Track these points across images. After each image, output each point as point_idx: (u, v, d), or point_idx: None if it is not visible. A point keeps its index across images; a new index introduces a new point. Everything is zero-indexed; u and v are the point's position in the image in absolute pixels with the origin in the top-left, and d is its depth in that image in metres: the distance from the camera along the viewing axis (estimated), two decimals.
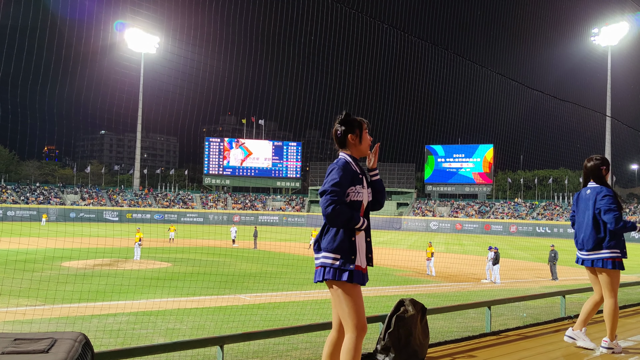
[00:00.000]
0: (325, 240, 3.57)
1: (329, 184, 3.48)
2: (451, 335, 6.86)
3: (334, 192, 3.44)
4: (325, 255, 3.55)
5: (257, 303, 14.90)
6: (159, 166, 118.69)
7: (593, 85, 78.48)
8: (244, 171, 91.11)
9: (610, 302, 5.55)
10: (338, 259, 3.52)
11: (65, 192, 76.54)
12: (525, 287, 19.96)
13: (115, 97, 15.77)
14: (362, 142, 3.73)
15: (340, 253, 3.52)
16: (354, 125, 3.71)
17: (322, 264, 3.57)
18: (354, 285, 3.54)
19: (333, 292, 3.61)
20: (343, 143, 3.72)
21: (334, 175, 3.51)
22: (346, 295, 3.54)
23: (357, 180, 3.60)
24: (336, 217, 3.42)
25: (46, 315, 11.86)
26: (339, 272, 3.52)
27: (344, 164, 3.60)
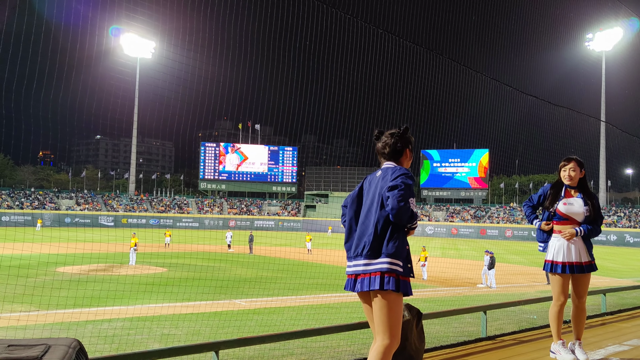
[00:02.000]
0: (392, 245, 3.49)
1: (401, 180, 3.49)
2: (447, 340, 6.86)
3: (407, 188, 3.45)
4: (391, 262, 3.46)
5: (252, 308, 14.86)
6: (154, 171, 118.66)
7: (587, 90, 78.89)
8: (239, 176, 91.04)
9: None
10: (401, 266, 3.48)
11: (60, 197, 76.29)
12: (521, 292, 19.98)
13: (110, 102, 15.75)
14: (412, 156, 3.86)
15: (405, 260, 3.51)
16: (409, 141, 3.82)
17: (388, 270, 3.44)
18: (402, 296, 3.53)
19: (380, 300, 3.48)
20: (398, 155, 3.78)
21: (405, 178, 3.52)
22: (397, 307, 3.50)
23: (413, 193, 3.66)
24: (406, 212, 3.40)
25: (40, 321, 11.80)
26: (402, 283, 3.47)
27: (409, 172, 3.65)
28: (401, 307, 3.51)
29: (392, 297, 3.46)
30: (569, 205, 5.47)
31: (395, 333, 3.49)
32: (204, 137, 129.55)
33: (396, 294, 3.46)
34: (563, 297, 5.44)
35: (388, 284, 3.40)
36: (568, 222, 5.46)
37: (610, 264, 34.00)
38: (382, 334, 3.48)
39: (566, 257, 5.44)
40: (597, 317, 8.21)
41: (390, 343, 3.47)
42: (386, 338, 3.46)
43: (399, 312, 3.50)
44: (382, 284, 3.41)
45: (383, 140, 3.81)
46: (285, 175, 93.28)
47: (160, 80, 77.06)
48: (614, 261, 37.73)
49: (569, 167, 5.59)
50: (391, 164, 3.75)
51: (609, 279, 21.96)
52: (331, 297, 16.31)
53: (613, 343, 6.40)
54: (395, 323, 3.49)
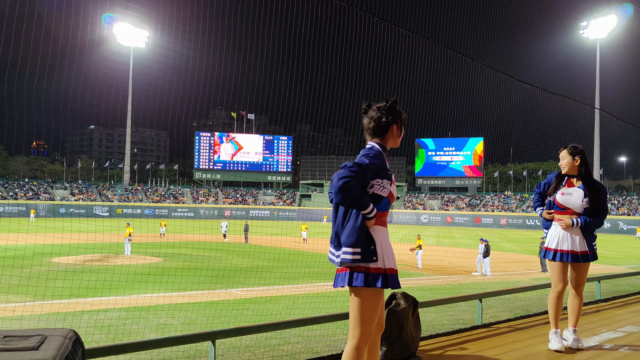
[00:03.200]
0: (344, 233, 3.26)
1: (358, 158, 3.25)
2: (442, 328, 6.89)
3: (354, 168, 3.12)
4: (345, 251, 3.22)
5: (248, 297, 14.89)
6: (149, 161, 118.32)
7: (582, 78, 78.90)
8: (234, 166, 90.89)
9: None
10: (359, 253, 3.20)
11: (54, 188, 76.03)
12: (516, 279, 20.08)
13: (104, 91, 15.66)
14: (400, 134, 3.52)
15: (360, 247, 3.20)
16: (398, 116, 3.46)
17: (343, 260, 3.22)
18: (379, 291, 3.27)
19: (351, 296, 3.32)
20: (383, 132, 3.43)
21: (364, 158, 3.25)
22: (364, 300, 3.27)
23: (385, 174, 3.34)
24: (347, 191, 3.07)
25: (36, 311, 11.80)
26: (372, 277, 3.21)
27: (377, 152, 3.35)
28: (373, 301, 3.26)
29: (364, 292, 3.24)
30: (567, 195, 5.48)
31: (365, 329, 3.25)
32: (198, 126, 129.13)
33: (370, 289, 3.22)
34: (561, 284, 5.47)
35: (357, 280, 3.19)
36: (566, 211, 5.48)
37: (604, 251, 34.21)
38: (351, 331, 3.30)
39: (561, 245, 5.47)
40: (591, 304, 8.26)
41: (358, 341, 3.24)
42: (354, 337, 3.26)
43: (371, 306, 3.26)
44: (350, 281, 3.21)
45: (370, 114, 3.46)
46: (280, 164, 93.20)
47: (154, 69, 76.71)
48: (608, 248, 37.96)
49: (560, 155, 5.61)
50: (373, 143, 3.44)
51: (603, 266, 22.09)
52: (327, 285, 16.35)
53: (607, 330, 6.44)
54: (364, 318, 3.26)
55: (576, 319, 5.56)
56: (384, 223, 3.37)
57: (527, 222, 70.69)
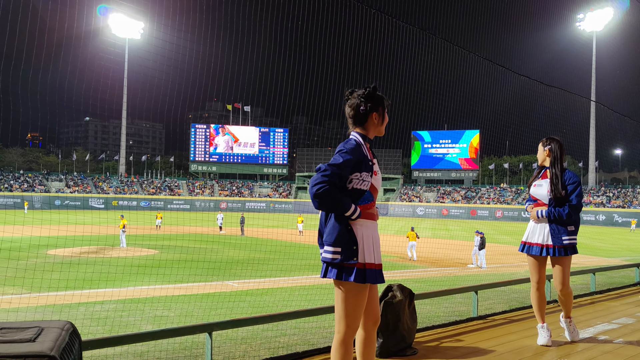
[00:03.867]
0: (326, 231, 3.23)
1: (329, 163, 3.11)
2: (438, 320, 6.92)
3: (327, 172, 3.04)
4: (326, 250, 3.20)
5: (245, 289, 14.91)
6: (144, 153, 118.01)
7: (578, 71, 79.03)
8: (230, 158, 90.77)
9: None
10: (339, 252, 3.16)
11: (49, 180, 75.82)
12: (511, 272, 20.16)
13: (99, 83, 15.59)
14: (383, 122, 3.35)
15: (341, 246, 3.15)
16: (379, 103, 3.31)
17: (324, 258, 3.22)
18: (360, 286, 3.20)
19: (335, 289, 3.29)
20: (363, 120, 3.29)
21: (338, 157, 3.13)
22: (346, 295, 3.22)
23: (365, 166, 3.21)
24: (322, 198, 3.02)
25: (32, 303, 11.79)
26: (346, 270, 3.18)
27: (353, 146, 3.20)
28: (355, 295, 3.20)
29: (344, 286, 3.21)
30: (537, 187, 5.42)
31: (349, 323, 3.22)
32: (194, 118, 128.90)
33: (349, 283, 3.18)
34: (535, 277, 5.44)
35: (330, 273, 3.19)
36: (538, 203, 5.44)
37: (599, 244, 34.36)
38: (336, 324, 3.29)
39: (530, 238, 5.45)
40: (586, 296, 8.31)
41: (343, 335, 3.23)
42: (339, 331, 3.25)
43: (353, 301, 3.21)
44: (325, 273, 3.23)
45: (350, 102, 3.32)
46: (276, 156, 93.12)
47: (149, 61, 76.39)
48: (603, 241, 38.12)
49: None
50: (353, 133, 3.31)
51: (598, 259, 22.19)
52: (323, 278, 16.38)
53: (602, 322, 6.48)
54: (347, 313, 3.22)
55: (569, 311, 5.57)
56: (371, 216, 3.28)
57: (523, 215, 70.86)
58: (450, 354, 4.93)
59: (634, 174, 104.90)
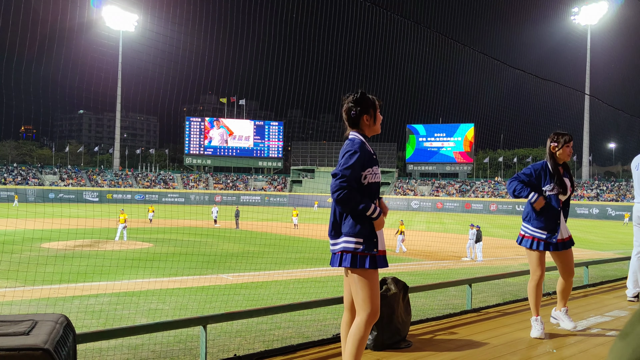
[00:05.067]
0: (347, 224, 3.48)
1: (342, 167, 3.39)
2: (432, 312, 6.94)
3: (344, 177, 3.35)
4: (347, 240, 3.47)
5: (239, 283, 14.92)
6: (139, 146, 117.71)
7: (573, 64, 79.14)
8: (225, 151, 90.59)
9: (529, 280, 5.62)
10: (361, 243, 3.45)
11: (43, 173, 75.51)
12: (505, 265, 20.24)
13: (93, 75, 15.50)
14: (375, 122, 3.63)
15: (362, 237, 3.44)
16: (368, 105, 3.60)
17: (344, 248, 3.49)
18: (374, 271, 3.49)
19: (350, 276, 3.54)
20: (356, 123, 3.60)
21: (348, 159, 3.42)
22: (365, 281, 3.48)
23: (372, 161, 3.52)
24: (346, 203, 3.36)
25: (26, 296, 11.77)
26: (360, 258, 3.46)
27: (360, 144, 3.50)
28: (372, 281, 3.48)
29: (361, 273, 3.47)
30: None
31: (370, 306, 3.48)
32: (188, 111, 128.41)
33: (364, 270, 3.47)
34: (539, 271, 5.50)
35: (345, 262, 3.47)
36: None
37: (593, 237, 34.53)
38: (358, 308, 3.52)
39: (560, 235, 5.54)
40: (579, 289, 8.35)
41: (367, 316, 3.48)
42: (362, 311, 3.49)
43: (371, 286, 3.48)
44: (340, 262, 3.49)
45: (344, 107, 3.67)
46: (271, 150, 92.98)
47: (143, 53, 75.91)
48: (596, 234, 38.32)
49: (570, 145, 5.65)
50: (353, 133, 3.61)
51: (591, 252, 22.30)
52: (318, 271, 16.42)
53: (595, 314, 6.52)
54: (367, 297, 3.48)
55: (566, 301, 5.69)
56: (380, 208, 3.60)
57: (517, 208, 71.15)
58: (444, 347, 4.95)
59: (627, 167, 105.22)
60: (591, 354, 4.86)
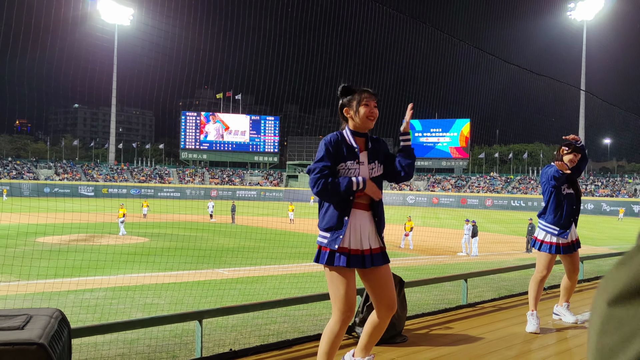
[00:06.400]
0: (319, 218, 3.44)
1: (314, 161, 3.34)
2: (428, 307, 6.96)
3: (316, 169, 3.28)
4: (320, 234, 3.41)
5: (235, 277, 14.92)
6: (134, 140, 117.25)
7: (568, 60, 79.27)
8: (221, 146, 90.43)
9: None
10: (326, 237, 3.35)
11: (38, 167, 75.25)
12: (500, 260, 20.30)
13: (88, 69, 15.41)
14: (358, 112, 3.43)
15: (328, 232, 3.35)
16: (349, 97, 3.47)
17: (317, 242, 3.42)
18: (339, 269, 3.32)
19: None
20: (342, 117, 3.53)
21: (318, 152, 3.37)
22: (328, 278, 3.38)
23: (350, 155, 3.38)
24: (327, 193, 3.25)
25: (21, 291, 11.73)
26: (321, 254, 3.36)
27: (331, 137, 3.41)
28: (334, 280, 3.34)
29: (326, 269, 3.39)
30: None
31: (337, 306, 3.34)
32: (184, 106, 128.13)
33: (326, 267, 3.36)
34: (547, 270, 5.64)
35: (315, 258, 3.42)
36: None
37: (587, 232, 34.65)
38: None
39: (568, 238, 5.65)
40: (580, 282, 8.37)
41: (335, 315, 3.36)
42: (333, 314, 3.39)
43: (334, 285, 3.34)
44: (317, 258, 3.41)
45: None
46: (267, 145, 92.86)
47: (139, 47, 75.47)
48: (591, 229, 38.45)
49: None
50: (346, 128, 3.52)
51: (586, 247, 22.36)
52: (313, 266, 16.41)
53: (589, 309, 6.54)
54: (332, 296, 3.37)
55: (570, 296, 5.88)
56: (362, 206, 3.41)
57: (512, 203, 71.34)
58: (440, 342, 4.96)
59: (622, 163, 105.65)
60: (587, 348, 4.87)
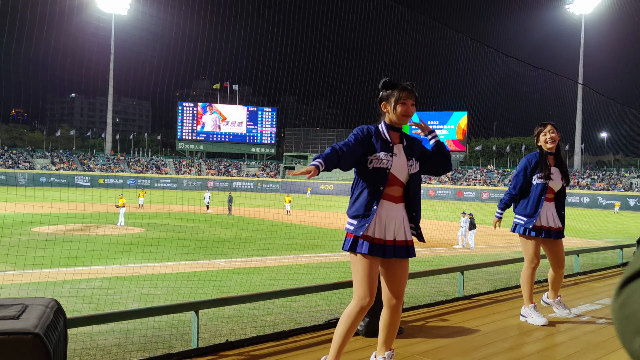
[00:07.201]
0: (349, 205, 3.54)
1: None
2: (424, 299, 6.97)
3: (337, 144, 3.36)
4: (348, 221, 3.52)
5: (231, 268, 14.93)
6: (131, 131, 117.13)
7: (566, 53, 79.24)
8: (218, 137, 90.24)
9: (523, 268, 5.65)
10: (353, 224, 3.47)
11: (34, 157, 75.01)
12: (496, 253, 20.36)
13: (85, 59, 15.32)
14: (395, 109, 3.53)
15: (355, 219, 3.46)
16: (389, 93, 3.55)
17: (345, 229, 3.52)
18: (362, 256, 3.44)
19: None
20: (380, 112, 3.64)
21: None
22: (352, 264, 3.51)
23: (384, 147, 3.49)
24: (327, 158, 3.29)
25: (17, 280, 11.72)
26: (346, 240, 3.49)
27: (366, 127, 3.54)
28: (358, 266, 3.46)
29: (350, 256, 3.52)
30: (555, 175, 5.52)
31: (359, 292, 3.47)
32: (181, 96, 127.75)
33: (350, 254, 3.50)
34: (536, 259, 5.54)
35: (343, 245, 3.52)
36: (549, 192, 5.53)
37: (583, 226, 34.76)
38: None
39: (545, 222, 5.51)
40: (570, 277, 8.40)
41: (355, 302, 3.48)
42: (354, 296, 3.52)
43: (358, 271, 3.47)
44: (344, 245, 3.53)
45: None
46: (264, 136, 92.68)
47: (136, 37, 75.16)
48: (587, 223, 38.57)
49: (549, 130, 5.54)
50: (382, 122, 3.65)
51: (581, 240, 22.45)
52: (310, 257, 16.45)
53: (586, 302, 6.57)
54: (355, 282, 3.50)
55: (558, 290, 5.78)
56: (392, 198, 3.52)
57: None
58: (436, 334, 4.97)
59: (618, 156, 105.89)
60: (582, 340, 4.89)
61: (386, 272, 3.60)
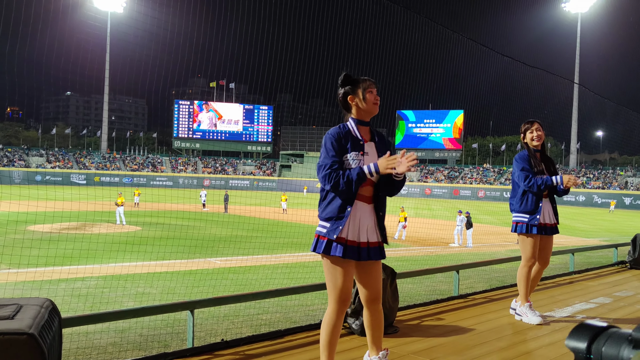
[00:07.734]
0: (319, 208, 3.44)
1: (320, 158, 3.36)
2: (420, 298, 6.98)
3: (326, 165, 3.29)
4: (319, 224, 3.42)
5: (227, 267, 14.92)
6: (127, 129, 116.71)
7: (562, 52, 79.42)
8: (214, 135, 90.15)
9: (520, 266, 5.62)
10: (325, 227, 3.37)
11: (30, 155, 74.77)
12: (492, 251, 20.40)
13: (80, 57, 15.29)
14: (365, 101, 3.43)
15: (328, 221, 3.37)
16: (354, 86, 3.45)
17: (316, 232, 3.43)
18: (335, 259, 3.34)
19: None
20: (345, 106, 3.49)
21: (322, 147, 3.39)
22: (325, 267, 3.42)
23: (355, 146, 3.39)
24: (340, 186, 3.23)
25: (11, 280, 11.69)
26: (319, 242, 3.39)
27: (334, 131, 3.40)
28: (330, 269, 3.37)
29: (323, 258, 3.42)
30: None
31: (332, 296, 3.39)
32: (177, 94, 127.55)
33: (323, 256, 3.39)
34: (534, 257, 5.54)
35: (313, 245, 3.44)
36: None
37: (578, 224, 34.86)
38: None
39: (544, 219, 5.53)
40: (565, 275, 8.43)
41: (331, 305, 3.41)
42: (329, 304, 3.43)
43: (330, 274, 3.39)
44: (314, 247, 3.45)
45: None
46: (260, 134, 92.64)
47: (132, 35, 74.97)
48: (582, 221, 38.68)
49: (536, 128, 5.53)
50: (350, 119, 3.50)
51: (576, 239, 22.51)
52: (306, 256, 16.44)
53: (580, 301, 6.58)
54: (328, 285, 3.42)
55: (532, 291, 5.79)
56: (364, 198, 3.45)
57: (505, 195, 71.54)
58: (431, 333, 4.98)
59: (614, 155, 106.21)
60: None
61: (361, 275, 3.49)
